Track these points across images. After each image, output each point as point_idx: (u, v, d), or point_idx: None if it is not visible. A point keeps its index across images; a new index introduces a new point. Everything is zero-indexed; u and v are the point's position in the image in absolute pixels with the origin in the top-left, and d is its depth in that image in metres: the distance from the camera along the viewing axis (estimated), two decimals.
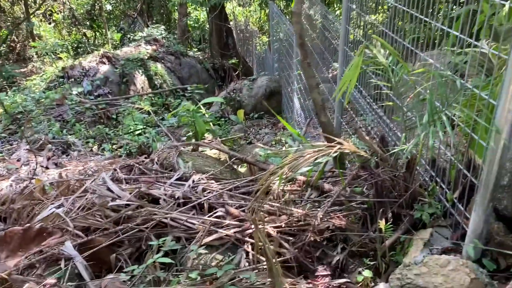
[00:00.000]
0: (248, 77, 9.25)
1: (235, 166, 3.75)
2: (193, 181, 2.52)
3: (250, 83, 8.52)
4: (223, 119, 7.77)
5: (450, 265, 1.77)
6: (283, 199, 2.50)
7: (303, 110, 6.40)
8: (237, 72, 11.70)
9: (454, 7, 3.95)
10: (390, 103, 2.42)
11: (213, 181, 2.63)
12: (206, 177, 2.64)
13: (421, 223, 2.17)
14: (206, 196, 2.42)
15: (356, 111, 3.82)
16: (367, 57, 2.40)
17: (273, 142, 6.05)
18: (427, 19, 2.30)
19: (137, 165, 2.81)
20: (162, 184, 2.57)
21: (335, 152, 2.15)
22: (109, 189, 2.48)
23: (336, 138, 2.25)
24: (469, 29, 2.40)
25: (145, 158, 3.27)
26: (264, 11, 15.08)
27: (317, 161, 2.16)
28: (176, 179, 2.61)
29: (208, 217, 2.32)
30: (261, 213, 2.28)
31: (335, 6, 9.71)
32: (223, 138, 5.73)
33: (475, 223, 1.87)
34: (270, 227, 2.25)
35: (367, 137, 2.42)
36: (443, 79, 1.88)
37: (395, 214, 2.24)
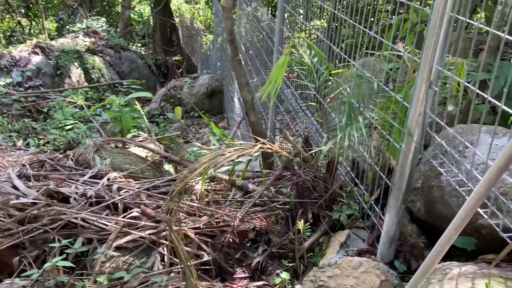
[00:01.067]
0: (190, 75, 9.08)
1: (166, 165, 3.62)
2: (108, 179, 2.37)
3: (191, 81, 8.36)
4: (161, 117, 7.55)
5: (362, 267, 1.77)
6: (205, 199, 2.41)
7: (243, 111, 6.36)
8: (180, 70, 11.46)
9: (393, 16, 4.05)
10: (313, 104, 2.41)
11: (131, 180, 2.49)
12: (124, 175, 2.49)
13: (340, 225, 2.16)
14: (121, 196, 2.28)
15: (289, 111, 3.82)
16: (294, 57, 2.37)
17: (209, 136, 5.95)
18: (360, 27, 2.31)
19: (49, 161, 2.61)
20: (74, 181, 2.39)
21: (256, 151, 2.10)
22: (14, 186, 2.28)
23: (261, 139, 2.20)
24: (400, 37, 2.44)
25: (60, 153, 3.06)
26: (211, 9, 14.92)
27: (238, 160, 2.10)
28: (90, 177, 2.44)
29: (123, 217, 2.18)
30: (180, 213, 2.18)
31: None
32: (159, 136, 5.56)
33: (388, 225, 1.88)
34: (189, 228, 2.16)
35: (291, 138, 2.39)
36: (360, 80, 1.89)
37: (315, 215, 2.23)
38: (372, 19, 2.24)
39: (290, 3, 3.52)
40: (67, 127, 6.14)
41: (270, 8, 8.47)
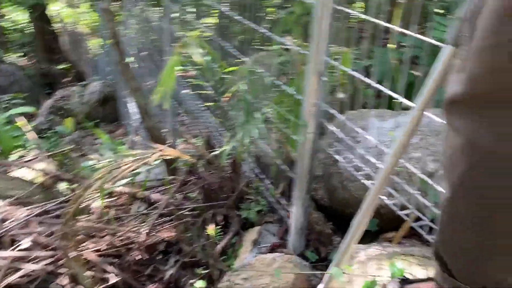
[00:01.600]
0: (79, 83, 8.48)
1: (60, 185, 3.31)
2: None
3: (81, 89, 7.80)
4: (50, 131, 6.94)
5: (276, 263, 1.76)
6: (105, 218, 2.24)
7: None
8: (67, 78, 10.67)
9: (281, 11, 4.14)
10: (211, 103, 2.36)
11: (19, 207, 2.22)
12: (8, 203, 2.22)
13: (250, 223, 2.15)
14: (7, 227, 2.01)
15: (192, 113, 3.72)
16: (185, 56, 2.29)
17: (101, 148, 5.61)
18: (247, 22, 2.29)
19: None
20: None
21: (156, 159, 1.99)
22: None
23: (161, 145, 2.09)
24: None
25: None
26: (96, 12, 14.09)
27: (137, 170, 1.97)
28: None
29: (11, 251, 1.93)
30: (77, 237, 1.99)
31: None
32: (50, 153, 5.09)
33: (296, 216, 1.90)
34: (90, 251, 1.98)
35: (191, 140, 2.32)
36: (253, 76, 1.87)
37: (226, 216, 2.19)
38: (260, 14, 2.25)
39: (178, 2, 3.42)
40: None
41: (159, 8, 8.23)
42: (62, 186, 2.87)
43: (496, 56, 0.65)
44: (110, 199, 2.36)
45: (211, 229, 2.02)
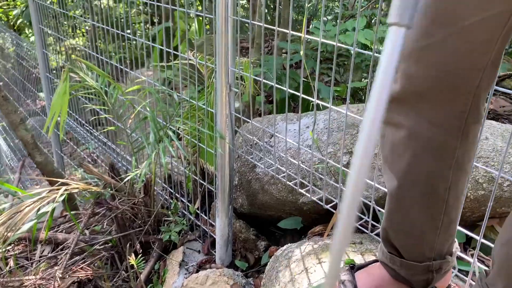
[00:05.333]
0: None
1: None
2: None
3: None
4: None
5: (209, 280, 1.74)
6: (6, 269, 1.97)
7: (14, 151, 5.47)
8: None
9: (150, 26, 4.08)
10: (112, 128, 2.23)
11: None
12: None
13: (172, 244, 2.08)
14: None
15: (77, 141, 3.47)
16: (75, 81, 2.14)
17: None
18: (131, 37, 2.22)
19: None
20: None
21: (62, 195, 1.82)
22: None
23: (59, 179, 1.91)
24: (169, 44, 2.45)
25: None
26: None
27: (41, 211, 1.78)
28: None
29: None
30: None
31: (28, 31, 8.74)
32: None
33: (221, 229, 1.90)
34: None
35: (95, 169, 2.16)
36: (159, 94, 1.83)
37: (144, 243, 2.08)
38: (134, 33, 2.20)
39: (44, 24, 3.17)
40: None
41: (15, 31, 7.50)
42: None
43: (428, 55, 0.74)
44: (6, 248, 2.09)
45: (132, 259, 1.91)
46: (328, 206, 1.45)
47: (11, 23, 8.21)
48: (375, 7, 4.00)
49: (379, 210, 1.33)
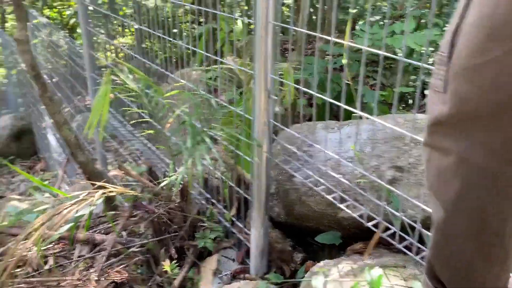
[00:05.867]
0: None
1: None
2: None
3: None
4: None
5: None
6: (45, 268, 2.01)
7: (63, 148, 5.68)
8: None
9: (196, 26, 4.10)
10: (151, 131, 2.23)
11: None
12: None
13: (207, 251, 2.05)
14: None
15: (121, 141, 3.53)
16: (116, 84, 2.16)
17: (32, 191, 5.15)
18: (172, 39, 2.21)
19: None
20: None
21: (99, 198, 1.84)
22: None
23: (96, 182, 1.92)
24: (213, 46, 2.42)
25: None
26: None
27: (79, 213, 1.80)
28: None
29: None
30: None
31: (80, 31, 9.07)
32: None
33: (256, 238, 1.85)
34: None
35: (133, 172, 2.17)
36: (198, 99, 1.80)
37: (179, 249, 2.06)
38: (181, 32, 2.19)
39: (93, 25, 3.24)
40: None
41: (68, 31, 7.79)
42: None
43: (483, 74, 0.65)
44: (47, 246, 2.14)
45: (166, 264, 1.90)
46: (369, 224, 1.36)
47: (65, 23, 8.54)
48: (427, 6, 3.81)
49: (426, 233, 1.23)
